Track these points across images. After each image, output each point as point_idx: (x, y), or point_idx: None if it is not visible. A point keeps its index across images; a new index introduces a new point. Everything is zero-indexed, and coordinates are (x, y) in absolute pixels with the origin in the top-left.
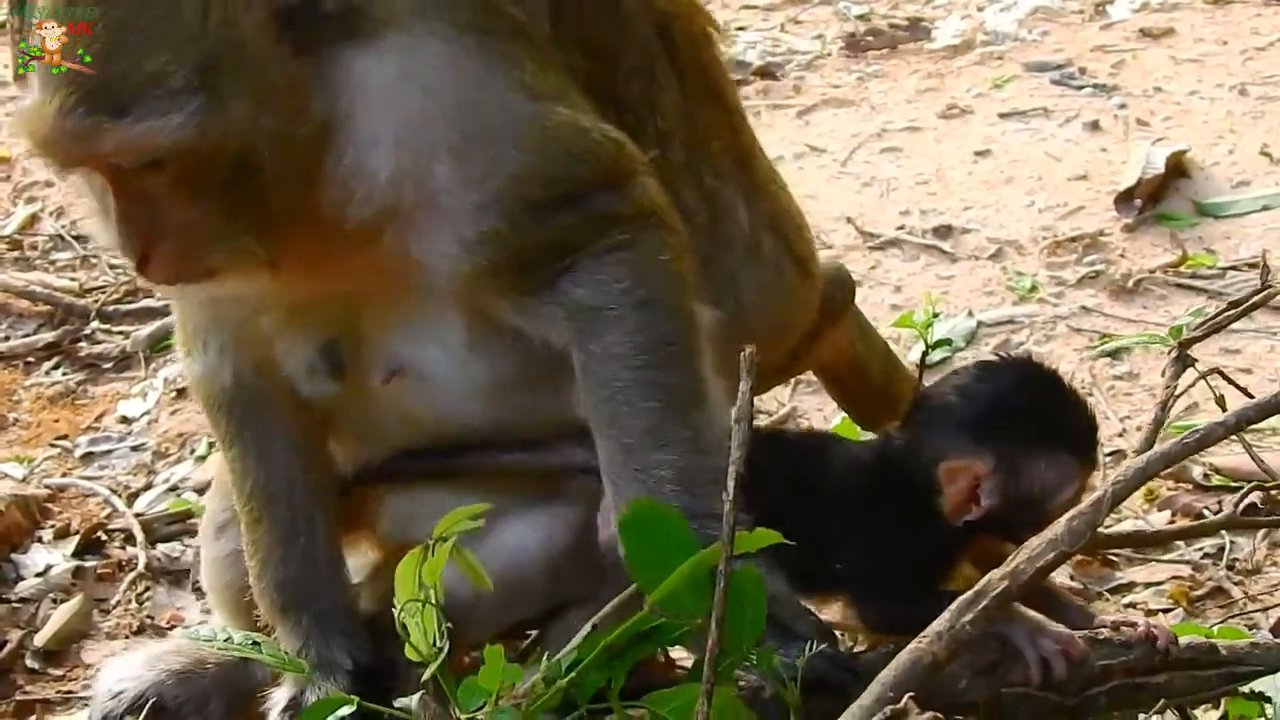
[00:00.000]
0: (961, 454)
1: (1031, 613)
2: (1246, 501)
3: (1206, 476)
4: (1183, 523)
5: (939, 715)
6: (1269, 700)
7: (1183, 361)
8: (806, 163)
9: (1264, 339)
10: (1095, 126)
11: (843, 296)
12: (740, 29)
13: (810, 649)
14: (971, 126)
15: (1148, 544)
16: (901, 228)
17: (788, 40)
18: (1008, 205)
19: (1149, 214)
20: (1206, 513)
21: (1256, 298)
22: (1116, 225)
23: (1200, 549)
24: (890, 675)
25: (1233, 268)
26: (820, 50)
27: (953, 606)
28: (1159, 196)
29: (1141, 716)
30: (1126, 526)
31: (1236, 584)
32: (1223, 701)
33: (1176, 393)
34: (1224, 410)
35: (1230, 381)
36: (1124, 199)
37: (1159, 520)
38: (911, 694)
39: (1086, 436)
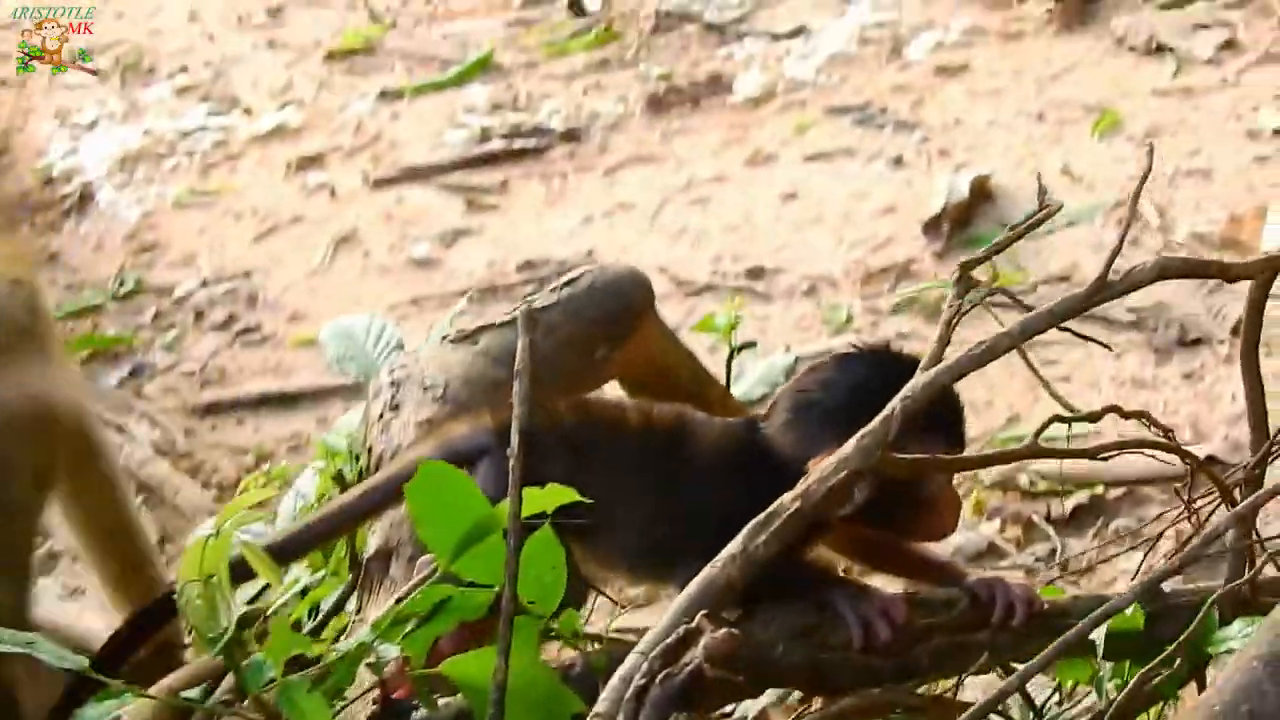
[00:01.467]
0: (831, 450)
1: (853, 578)
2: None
3: (1033, 483)
4: (1012, 529)
5: (733, 630)
6: (1094, 652)
7: (965, 283)
8: (616, 220)
9: (1078, 348)
10: (899, 161)
11: (641, 298)
12: (544, 98)
13: None
14: (777, 172)
15: (959, 469)
16: (715, 273)
17: (590, 104)
18: (818, 244)
19: (957, 239)
20: (1034, 517)
21: (1039, 215)
22: (926, 253)
23: (1033, 553)
24: (683, 600)
25: (1044, 281)
26: (624, 111)
27: (746, 529)
28: (966, 221)
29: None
30: (957, 539)
31: (1071, 584)
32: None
33: (961, 312)
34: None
35: (1019, 303)
36: (932, 226)
37: (989, 530)
38: (705, 612)
39: (953, 420)
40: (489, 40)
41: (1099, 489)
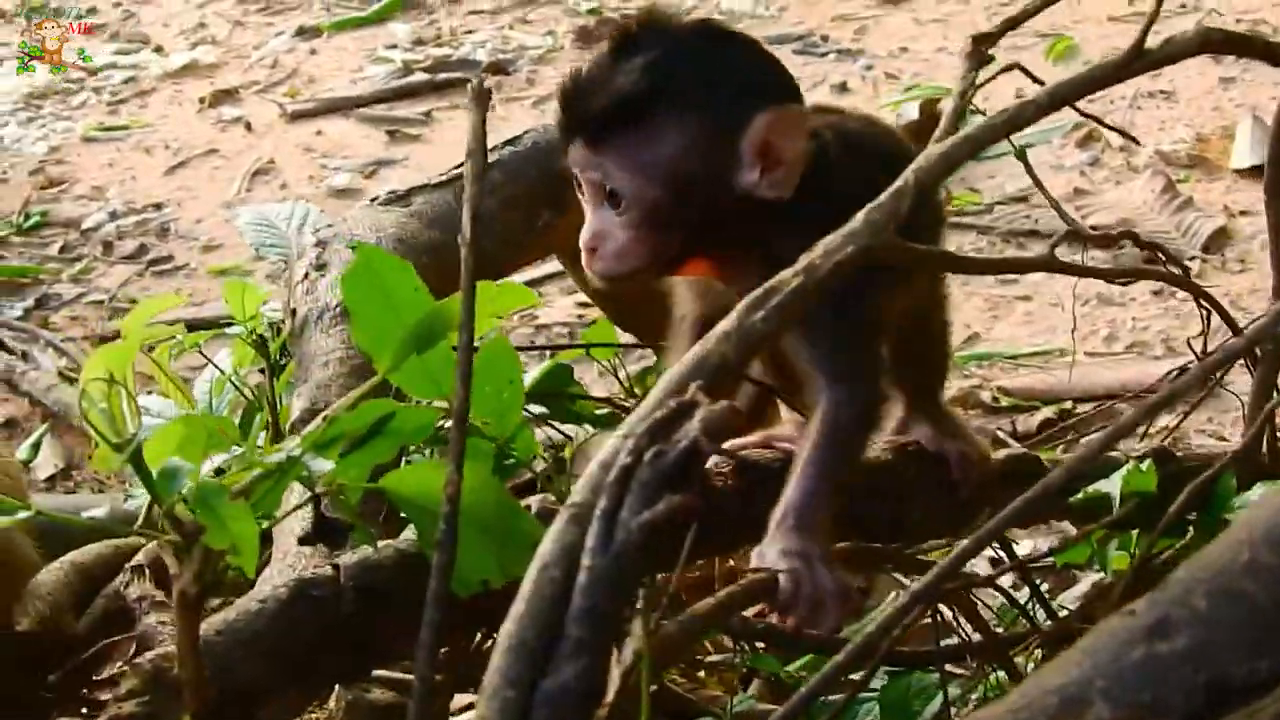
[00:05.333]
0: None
1: None
2: (1040, 419)
3: (995, 399)
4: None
5: (734, 404)
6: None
7: (978, 55)
8: None
9: None
10: (844, 88)
11: None
12: (468, 33)
13: None
14: None
15: (961, 269)
16: None
17: (517, 37)
18: None
19: None
20: (1000, 433)
21: None
22: None
23: None
24: (670, 378)
25: (999, 203)
26: (552, 45)
27: (742, 304)
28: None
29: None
30: None
31: None
32: None
33: (977, 84)
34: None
35: (1032, 77)
36: None
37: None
38: (699, 383)
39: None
40: None
41: (1067, 404)
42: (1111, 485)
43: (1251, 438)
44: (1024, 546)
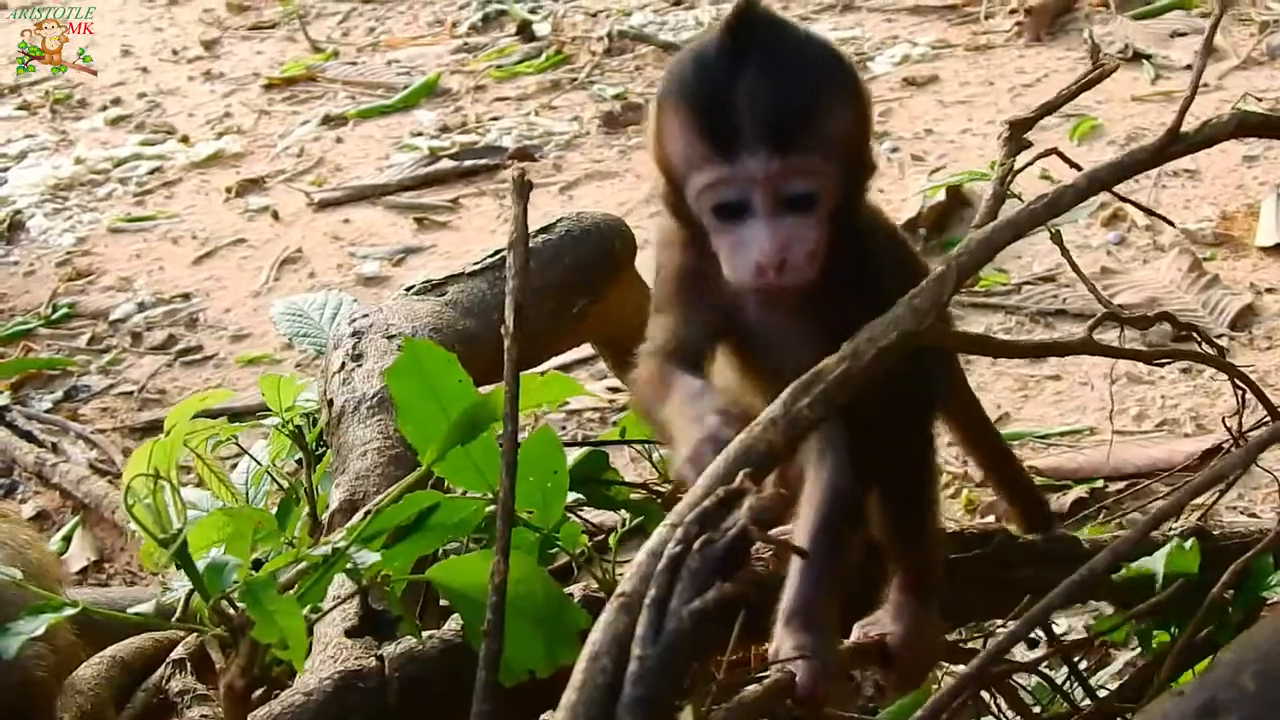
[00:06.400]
0: None
1: None
2: (1072, 498)
3: None
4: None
5: (782, 492)
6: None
7: (1016, 141)
8: None
9: None
10: None
11: (621, 247)
12: (494, 119)
13: None
14: None
15: (1005, 354)
16: None
17: (543, 124)
18: None
19: (935, 242)
20: None
21: (1091, 75)
22: None
23: None
24: (717, 466)
25: (1027, 283)
26: (578, 130)
27: (788, 391)
28: (943, 225)
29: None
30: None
31: None
32: None
33: (1015, 169)
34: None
35: (1070, 163)
36: (908, 229)
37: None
38: (747, 470)
39: None
40: (435, 66)
41: (1098, 483)
42: (1154, 565)
43: None
44: (1058, 624)
